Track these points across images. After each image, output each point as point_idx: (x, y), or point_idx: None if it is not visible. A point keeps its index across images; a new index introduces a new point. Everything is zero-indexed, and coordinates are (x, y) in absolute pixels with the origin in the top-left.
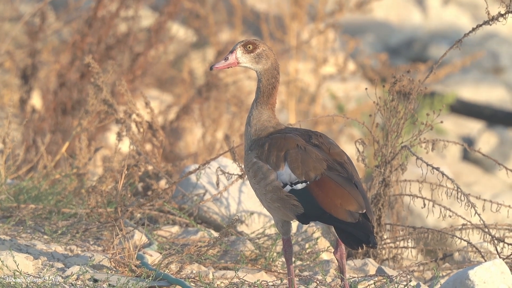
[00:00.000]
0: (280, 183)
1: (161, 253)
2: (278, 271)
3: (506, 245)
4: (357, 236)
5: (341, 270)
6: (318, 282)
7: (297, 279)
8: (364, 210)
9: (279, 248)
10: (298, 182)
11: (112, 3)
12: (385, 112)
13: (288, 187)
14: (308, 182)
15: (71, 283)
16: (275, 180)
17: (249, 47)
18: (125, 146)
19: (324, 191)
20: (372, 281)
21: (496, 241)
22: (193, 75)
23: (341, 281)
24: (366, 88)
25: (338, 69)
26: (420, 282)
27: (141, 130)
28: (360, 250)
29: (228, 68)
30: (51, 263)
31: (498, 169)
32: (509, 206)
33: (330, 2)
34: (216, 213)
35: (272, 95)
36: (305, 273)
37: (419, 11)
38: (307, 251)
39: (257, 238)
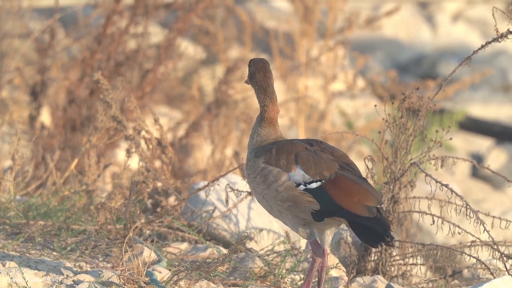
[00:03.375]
0: (293, 183)
1: (170, 270)
2: (287, 287)
3: None
4: (376, 230)
5: (318, 281)
6: None
7: None
8: (382, 205)
9: (288, 265)
10: (312, 182)
11: (122, 20)
12: (394, 129)
13: (302, 187)
14: (323, 181)
15: None
16: (287, 181)
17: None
18: (134, 162)
19: (341, 188)
20: None
21: (505, 258)
22: (202, 92)
23: None
24: (375, 105)
25: (347, 86)
26: None
27: (150, 146)
28: (377, 249)
29: None
30: (60, 279)
31: (507, 186)
32: None
33: (339, 19)
34: (225, 229)
35: (265, 111)
36: None
37: (428, 28)
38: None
39: (266, 255)
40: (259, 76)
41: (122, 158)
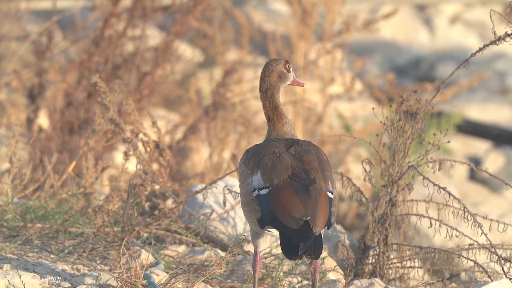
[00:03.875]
0: (251, 188)
1: (167, 273)
2: None
3: None
4: (292, 241)
5: (312, 283)
6: None
7: None
8: (308, 218)
9: (286, 267)
10: (263, 188)
11: (119, 23)
12: (392, 131)
13: (255, 192)
14: (270, 188)
15: None
16: (249, 184)
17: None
18: (132, 165)
19: (280, 197)
20: None
21: (502, 261)
22: (200, 95)
23: None
24: (373, 108)
25: (345, 88)
26: None
27: (148, 149)
28: (293, 261)
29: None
30: (57, 282)
31: (505, 189)
32: None
33: (337, 22)
34: (223, 232)
35: (266, 113)
36: None
37: (426, 31)
38: None
39: (263, 258)
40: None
41: (119, 161)
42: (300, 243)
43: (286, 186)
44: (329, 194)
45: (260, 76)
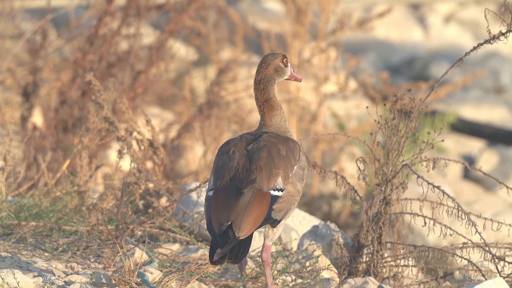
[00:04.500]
0: (208, 188)
1: (161, 271)
2: None
3: (506, 263)
4: (212, 247)
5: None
6: None
7: None
8: (229, 223)
9: (279, 266)
10: (211, 189)
11: (114, 21)
12: (386, 130)
13: (208, 193)
14: (213, 190)
15: None
16: (208, 184)
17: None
18: (126, 163)
19: (215, 200)
20: None
21: (496, 260)
22: (194, 93)
23: None
24: (367, 107)
25: (339, 87)
26: None
27: (142, 147)
28: (214, 265)
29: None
30: (51, 280)
31: (499, 187)
32: (510, 225)
33: (331, 20)
34: None
35: (257, 104)
36: None
37: (420, 29)
38: (308, 269)
39: (257, 256)
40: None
41: (114, 159)
42: (217, 249)
43: (222, 189)
44: (273, 192)
45: (257, 68)
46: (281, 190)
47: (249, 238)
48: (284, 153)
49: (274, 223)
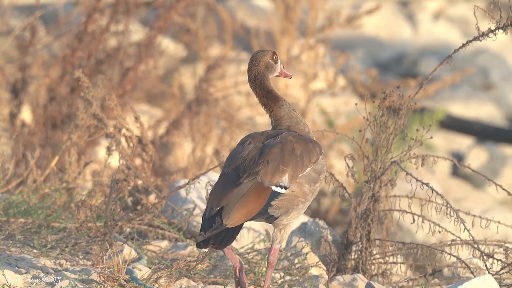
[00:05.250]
0: None
1: (150, 268)
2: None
3: (495, 261)
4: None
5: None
6: None
7: None
8: (218, 208)
9: None
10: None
11: (103, 18)
12: (375, 127)
13: None
14: (219, 177)
15: None
16: None
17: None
18: (115, 160)
19: (215, 186)
20: None
21: (485, 257)
22: (183, 90)
23: None
24: (356, 104)
25: (328, 84)
26: None
27: (131, 144)
28: (200, 249)
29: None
30: (40, 277)
31: (488, 184)
32: (499, 222)
33: (320, 17)
34: None
35: (261, 101)
36: None
37: (409, 26)
38: (296, 266)
39: (246, 253)
40: None
41: (102, 156)
42: (203, 232)
43: (223, 176)
44: (275, 188)
45: (248, 66)
46: (285, 188)
47: (238, 228)
48: (299, 153)
49: (270, 218)
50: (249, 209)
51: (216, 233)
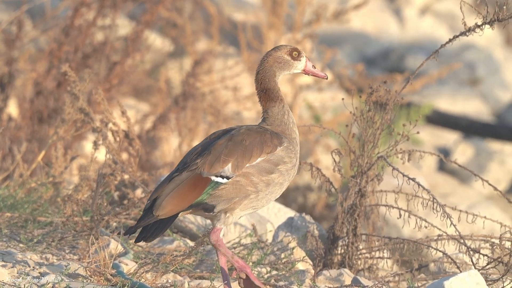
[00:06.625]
0: None
1: (136, 262)
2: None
3: (481, 256)
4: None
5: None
6: None
7: None
8: (149, 201)
9: (254, 257)
10: None
11: (89, 12)
12: (361, 122)
13: None
14: None
15: None
16: None
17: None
18: (102, 155)
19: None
20: None
21: (471, 252)
22: (169, 85)
23: None
24: (342, 98)
25: (314, 79)
26: None
27: (118, 139)
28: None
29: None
30: (26, 271)
31: (474, 180)
32: (485, 217)
33: (307, 12)
34: (192, 222)
35: (257, 94)
36: (281, 283)
37: (396, 21)
38: (283, 261)
39: (232, 248)
40: None
41: (89, 150)
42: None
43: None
44: (214, 178)
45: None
46: (227, 177)
47: (170, 219)
48: (247, 143)
49: (209, 208)
50: (181, 199)
51: (147, 224)
